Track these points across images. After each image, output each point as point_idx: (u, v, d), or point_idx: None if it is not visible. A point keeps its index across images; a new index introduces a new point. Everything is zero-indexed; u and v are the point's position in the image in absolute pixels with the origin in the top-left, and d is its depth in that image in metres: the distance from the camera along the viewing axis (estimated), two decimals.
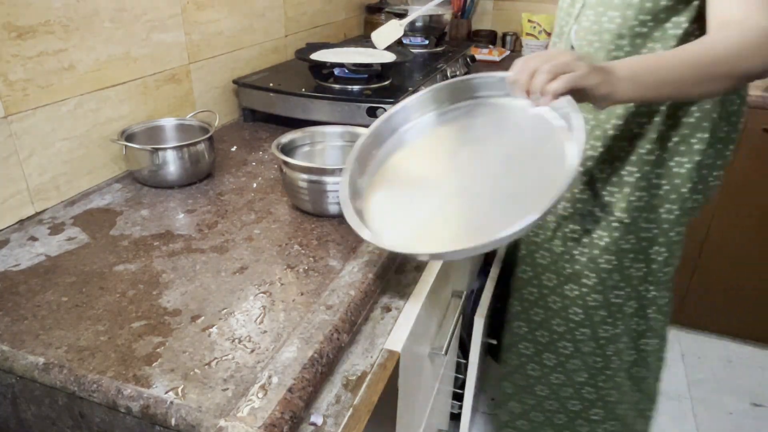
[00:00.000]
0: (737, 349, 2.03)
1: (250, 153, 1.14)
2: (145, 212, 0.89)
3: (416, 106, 0.79)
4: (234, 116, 1.37)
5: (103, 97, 0.97)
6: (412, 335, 0.74)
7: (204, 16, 1.19)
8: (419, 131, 0.78)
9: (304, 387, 0.54)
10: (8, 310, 0.65)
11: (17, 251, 0.77)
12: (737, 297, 1.95)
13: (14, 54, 0.80)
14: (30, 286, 0.69)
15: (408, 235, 0.66)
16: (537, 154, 0.65)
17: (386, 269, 0.76)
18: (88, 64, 0.92)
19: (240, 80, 1.29)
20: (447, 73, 1.48)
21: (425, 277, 0.82)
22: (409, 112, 0.79)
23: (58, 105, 0.88)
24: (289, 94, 1.22)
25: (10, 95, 0.81)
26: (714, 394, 1.84)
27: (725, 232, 1.87)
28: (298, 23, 1.60)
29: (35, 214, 0.87)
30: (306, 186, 0.85)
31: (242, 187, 0.98)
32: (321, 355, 0.58)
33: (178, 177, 0.96)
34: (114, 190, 0.96)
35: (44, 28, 0.84)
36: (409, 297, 0.77)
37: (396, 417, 0.77)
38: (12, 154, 0.82)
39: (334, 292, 0.67)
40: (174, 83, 1.14)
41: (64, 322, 0.63)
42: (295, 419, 0.52)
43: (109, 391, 0.54)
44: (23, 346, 0.59)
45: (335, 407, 0.58)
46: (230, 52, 1.31)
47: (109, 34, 0.95)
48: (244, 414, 0.50)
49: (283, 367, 0.55)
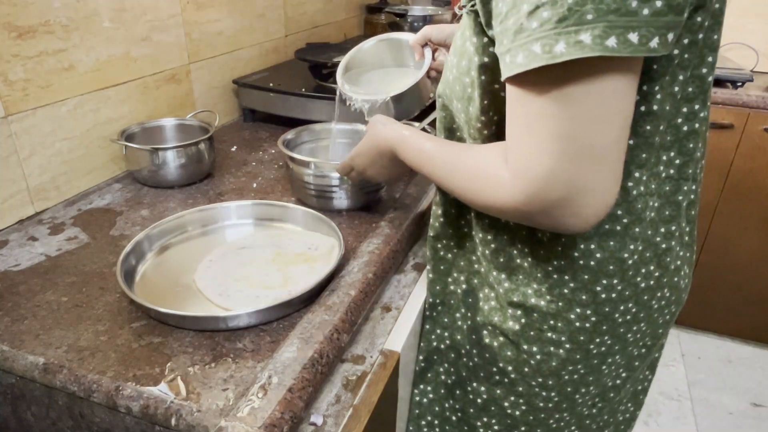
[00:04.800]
0: (737, 349, 2.03)
1: (250, 153, 1.14)
2: (145, 212, 0.89)
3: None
4: (234, 116, 1.37)
5: (103, 97, 0.97)
6: (412, 335, 0.73)
7: (204, 16, 1.19)
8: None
9: (304, 387, 0.54)
10: (8, 310, 0.65)
11: (17, 251, 0.77)
12: (737, 297, 1.95)
13: (14, 54, 0.80)
14: (30, 286, 0.69)
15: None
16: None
17: (386, 269, 0.76)
18: (88, 64, 0.92)
19: (240, 80, 1.29)
20: None
21: (425, 277, 0.82)
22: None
23: (58, 105, 0.88)
24: (289, 94, 1.22)
25: (10, 95, 0.81)
26: (714, 394, 1.84)
27: (725, 232, 1.87)
28: (298, 23, 1.60)
29: (35, 214, 0.87)
30: (312, 181, 0.86)
31: (242, 187, 0.98)
32: (321, 355, 0.58)
33: (178, 177, 0.96)
34: (114, 190, 0.96)
35: (44, 28, 0.84)
36: (409, 297, 0.77)
37: (396, 417, 0.77)
38: (12, 154, 0.82)
39: (334, 292, 0.67)
40: (174, 83, 1.14)
41: (64, 322, 0.63)
42: (295, 419, 0.52)
43: (109, 391, 0.54)
44: (23, 346, 0.59)
45: (335, 407, 0.58)
46: (230, 52, 1.30)
47: (109, 34, 0.95)
48: (244, 414, 0.50)
49: (283, 367, 0.55)
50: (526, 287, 0.63)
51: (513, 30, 0.43)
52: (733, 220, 1.85)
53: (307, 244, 0.79)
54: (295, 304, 0.65)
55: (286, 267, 0.74)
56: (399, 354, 0.67)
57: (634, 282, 0.60)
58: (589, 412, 0.71)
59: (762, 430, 1.71)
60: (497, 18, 0.46)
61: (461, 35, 0.60)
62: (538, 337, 0.64)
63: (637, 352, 0.67)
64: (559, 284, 0.61)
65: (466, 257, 0.72)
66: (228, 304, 0.66)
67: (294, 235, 0.81)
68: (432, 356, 0.79)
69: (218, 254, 0.76)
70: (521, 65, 0.43)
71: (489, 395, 0.72)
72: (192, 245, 0.79)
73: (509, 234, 0.63)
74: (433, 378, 0.80)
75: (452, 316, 0.75)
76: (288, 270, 0.73)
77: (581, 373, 0.65)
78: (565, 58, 0.40)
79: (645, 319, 0.63)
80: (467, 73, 0.59)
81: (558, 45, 0.40)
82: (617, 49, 0.39)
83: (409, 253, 0.88)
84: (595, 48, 0.39)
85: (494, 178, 0.50)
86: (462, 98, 0.61)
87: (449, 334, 0.76)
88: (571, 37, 0.39)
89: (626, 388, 0.72)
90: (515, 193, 0.47)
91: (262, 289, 0.69)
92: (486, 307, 0.69)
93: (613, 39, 0.39)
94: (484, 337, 0.70)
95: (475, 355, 0.72)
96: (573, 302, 0.61)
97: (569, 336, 0.62)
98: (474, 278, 0.71)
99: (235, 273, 0.72)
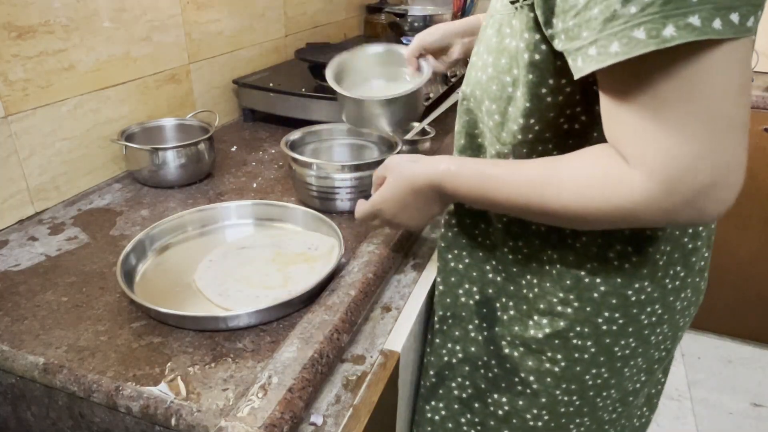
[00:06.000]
0: (737, 349, 2.03)
1: (250, 153, 1.14)
2: (145, 212, 0.89)
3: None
4: (234, 116, 1.37)
5: (103, 97, 0.97)
6: (412, 335, 0.73)
7: (204, 16, 1.19)
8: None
9: (304, 387, 0.54)
10: (8, 310, 0.65)
11: (17, 251, 0.77)
12: (737, 297, 1.95)
13: (14, 54, 0.80)
14: (30, 286, 0.69)
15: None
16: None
17: (386, 269, 0.76)
18: (88, 64, 0.92)
19: (240, 80, 1.29)
20: (447, 73, 1.48)
21: (425, 277, 0.82)
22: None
23: (58, 105, 0.88)
24: (289, 94, 1.22)
25: (10, 95, 0.81)
26: (714, 394, 1.84)
27: (726, 232, 1.87)
28: (298, 23, 1.60)
29: (35, 214, 0.87)
30: (314, 182, 0.86)
31: (242, 187, 0.98)
32: (321, 355, 0.58)
33: (178, 177, 0.96)
34: (114, 190, 0.96)
35: (44, 28, 0.84)
36: (409, 297, 0.77)
37: (396, 417, 0.77)
38: (12, 154, 0.82)
39: (334, 292, 0.67)
40: (174, 83, 1.14)
41: (64, 322, 0.63)
42: (295, 419, 0.52)
43: (109, 391, 0.54)
44: (23, 346, 0.59)
45: (335, 407, 0.58)
46: (230, 52, 1.30)
47: (109, 34, 0.95)
48: (244, 414, 0.50)
49: (283, 367, 0.55)
50: (552, 296, 0.62)
51: (601, 19, 0.41)
52: (733, 220, 1.85)
53: (307, 244, 0.79)
54: (295, 304, 0.65)
55: (286, 267, 0.74)
56: (399, 354, 0.67)
57: (662, 284, 0.59)
58: (609, 417, 0.70)
59: (762, 430, 1.71)
60: (569, 11, 0.44)
61: (497, 32, 0.57)
62: (563, 344, 0.63)
63: (658, 356, 0.66)
64: (590, 288, 0.59)
65: (479, 267, 0.70)
66: (228, 304, 0.66)
67: (294, 235, 0.81)
68: (443, 371, 0.76)
69: (218, 254, 0.76)
70: (620, 54, 0.40)
71: (511, 406, 0.70)
72: (192, 245, 0.79)
73: (540, 240, 0.62)
74: (445, 394, 0.77)
75: (464, 328, 0.73)
76: (288, 270, 0.73)
77: (604, 377, 0.64)
78: (677, 42, 0.38)
79: (668, 321, 0.63)
80: (508, 72, 0.56)
81: (666, 29, 0.38)
82: (723, 31, 0.38)
83: (409, 253, 0.88)
84: (705, 30, 0.37)
85: (621, 181, 0.45)
86: (499, 98, 0.58)
87: (461, 347, 0.74)
88: (679, 20, 0.38)
89: (644, 391, 0.71)
90: (653, 189, 0.43)
91: (262, 289, 0.69)
92: (505, 318, 0.67)
93: (718, 21, 0.38)
94: (503, 348, 0.68)
95: (495, 366, 0.70)
96: (602, 306, 0.60)
97: (595, 340, 0.62)
98: (488, 288, 0.69)
99: (235, 273, 0.72)
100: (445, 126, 1.25)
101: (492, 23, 0.59)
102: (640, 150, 0.43)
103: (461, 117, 0.67)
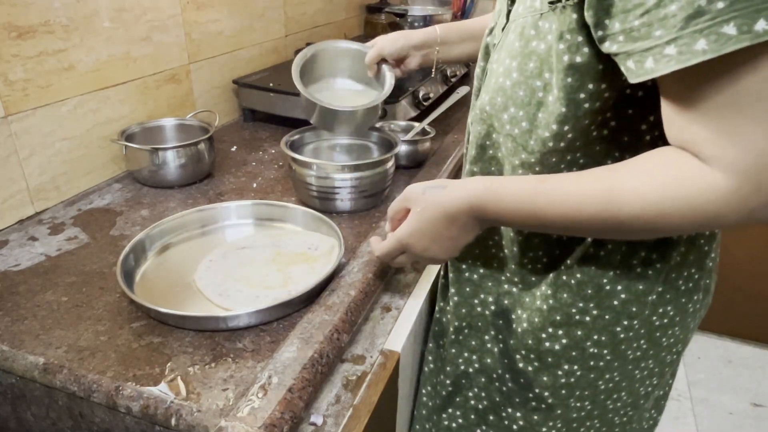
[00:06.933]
0: (737, 349, 2.03)
1: (250, 153, 1.14)
2: (145, 212, 0.89)
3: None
4: (234, 116, 1.37)
5: (103, 97, 0.97)
6: (412, 335, 0.73)
7: (204, 16, 1.19)
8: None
9: (304, 387, 0.54)
10: (8, 310, 0.65)
11: (17, 251, 0.77)
12: (737, 297, 1.95)
13: (14, 54, 0.80)
14: (30, 286, 0.69)
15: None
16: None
17: (386, 269, 0.76)
18: (88, 64, 0.92)
19: (240, 80, 1.29)
20: (447, 73, 1.48)
21: (425, 277, 0.82)
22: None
23: (58, 105, 0.88)
24: (289, 94, 1.22)
25: (10, 95, 0.81)
26: (714, 394, 1.84)
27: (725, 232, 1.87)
28: (298, 23, 1.60)
29: (35, 214, 0.87)
30: (314, 183, 0.86)
31: (242, 187, 0.98)
32: (321, 355, 0.58)
33: (178, 177, 0.96)
34: (114, 190, 0.96)
35: (44, 28, 0.84)
36: (409, 297, 0.77)
37: (396, 417, 0.77)
38: (12, 154, 0.82)
39: (334, 292, 0.67)
40: (174, 83, 1.14)
41: (64, 322, 0.63)
42: (295, 419, 0.52)
43: (109, 391, 0.54)
44: (23, 346, 0.59)
45: (335, 407, 0.58)
46: (230, 52, 1.30)
47: (109, 34, 0.95)
48: (244, 414, 0.50)
49: (283, 367, 0.55)
50: (569, 307, 0.61)
51: (683, 16, 0.39)
52: None
53: (307, 244, 0.79)
54: (295, 304, 0.65)
55: (286, 267, 0.74)
56: (399, 354, 0.67)
57: (676, 285, 0.59)
58: (620, 421, 0.69)
59: (762, 430, 1.71)
60: (633, 11, 0.42)
61: (520, 36, 0.55)
62: (580, 355, 0.62)
63: (669, 359, 0.66)
64: (611, 296, 0.59)
65: (494, 277, 0.69)
66: (228, 304, 0.66)
67: (294, 235, 0.81)
68: (460, 380, 0.75)
69: (218, 254, 0.76)
70: (708, 51, 0.39)
71: (526, 421, 0.69)
72: (192, 245, 0.79)
73: (561, 250, 0.61)
74: (462, 403, 0.76)
75: (481, 338, 0.71)
76: (288, 270, 0.73)
77: (616, 380, 0.64)
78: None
79: (679, 323, 0.62)
80: (538, 76, 0.54)
81: (758, 23, 0.37)
82: None
83: None
84: None
85: (703, 183, 0.43)
86: (527, 104, 0.55)
87: (478, 357, 0.73)
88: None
89: (654, 394, 0.71)
90: (740, 188, 0.41)
91: (262, 289, 0.69)
92: (519, 330, 0.66)
93: None
94: (517, 362, 0.67)
95: (509, 380, 0.69)
96: (622, 315, 0.59)
97: (612, 348, 0.61)
98: (504, 299, 0.68)
99: (235, 273, 0.72)
100: (445, 126, 1.25)
101: (514, 28, 0.57)
102: (720, 150, 0.42)
103: (475, 127, 0.65)
